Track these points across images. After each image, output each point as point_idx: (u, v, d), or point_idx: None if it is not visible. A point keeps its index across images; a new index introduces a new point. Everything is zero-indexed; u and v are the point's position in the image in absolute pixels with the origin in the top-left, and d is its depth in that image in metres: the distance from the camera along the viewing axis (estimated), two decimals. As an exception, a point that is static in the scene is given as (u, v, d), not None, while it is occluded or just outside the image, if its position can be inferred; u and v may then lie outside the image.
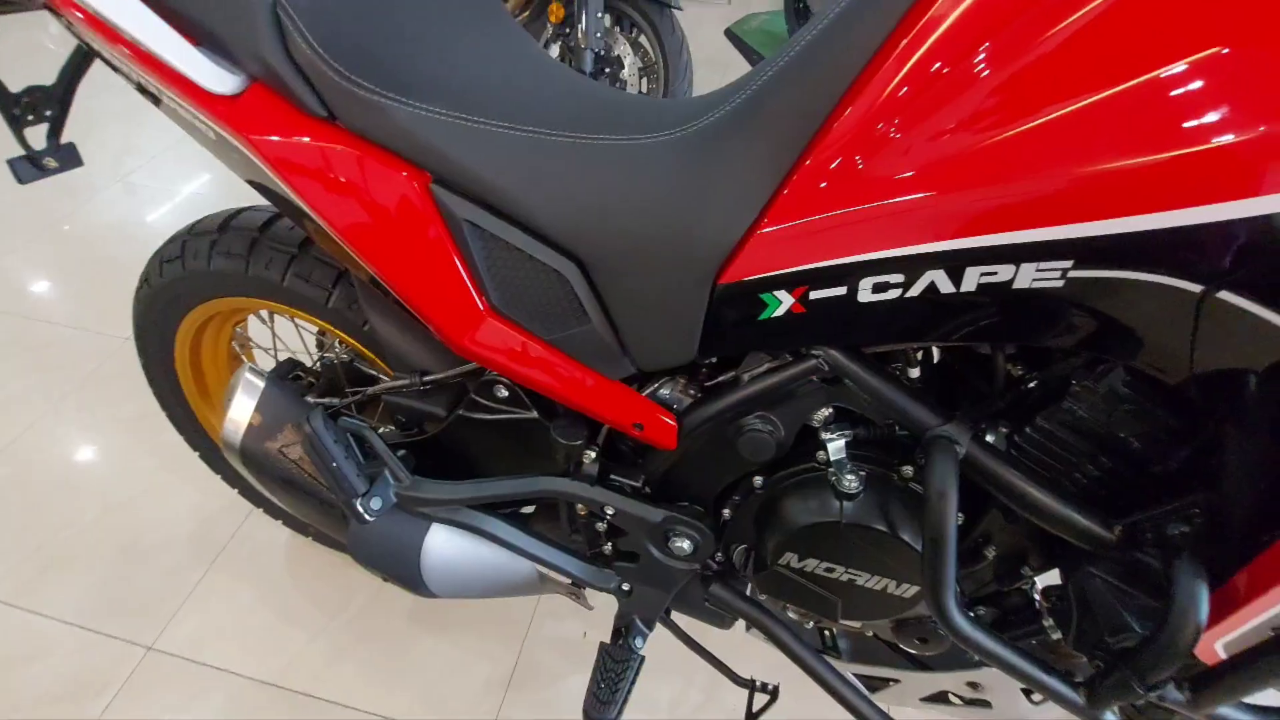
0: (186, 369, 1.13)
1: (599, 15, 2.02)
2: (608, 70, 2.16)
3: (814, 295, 0.57)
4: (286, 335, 1.16)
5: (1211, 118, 0.40)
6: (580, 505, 0.81)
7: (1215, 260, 0.43)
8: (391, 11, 0.68)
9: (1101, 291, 0.48)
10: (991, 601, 0.78)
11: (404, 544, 0.79)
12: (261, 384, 0.82)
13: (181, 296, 1.00)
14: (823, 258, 0.55)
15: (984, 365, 0.66)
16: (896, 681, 0.90)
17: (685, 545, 0.77)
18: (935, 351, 0.73)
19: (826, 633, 0.94)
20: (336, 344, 1.04)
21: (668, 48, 2.08)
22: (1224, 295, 0.44)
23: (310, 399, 0.93)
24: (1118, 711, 0.65)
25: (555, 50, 2.22)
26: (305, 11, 0.60)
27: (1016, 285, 0.50)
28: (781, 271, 0.57)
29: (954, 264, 0.51)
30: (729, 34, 2.33)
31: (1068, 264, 0.47)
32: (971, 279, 0.51)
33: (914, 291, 0.54)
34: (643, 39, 2.16)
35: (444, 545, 0.82)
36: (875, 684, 0.93)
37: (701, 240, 0.59)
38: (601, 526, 0.83)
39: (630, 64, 2.19)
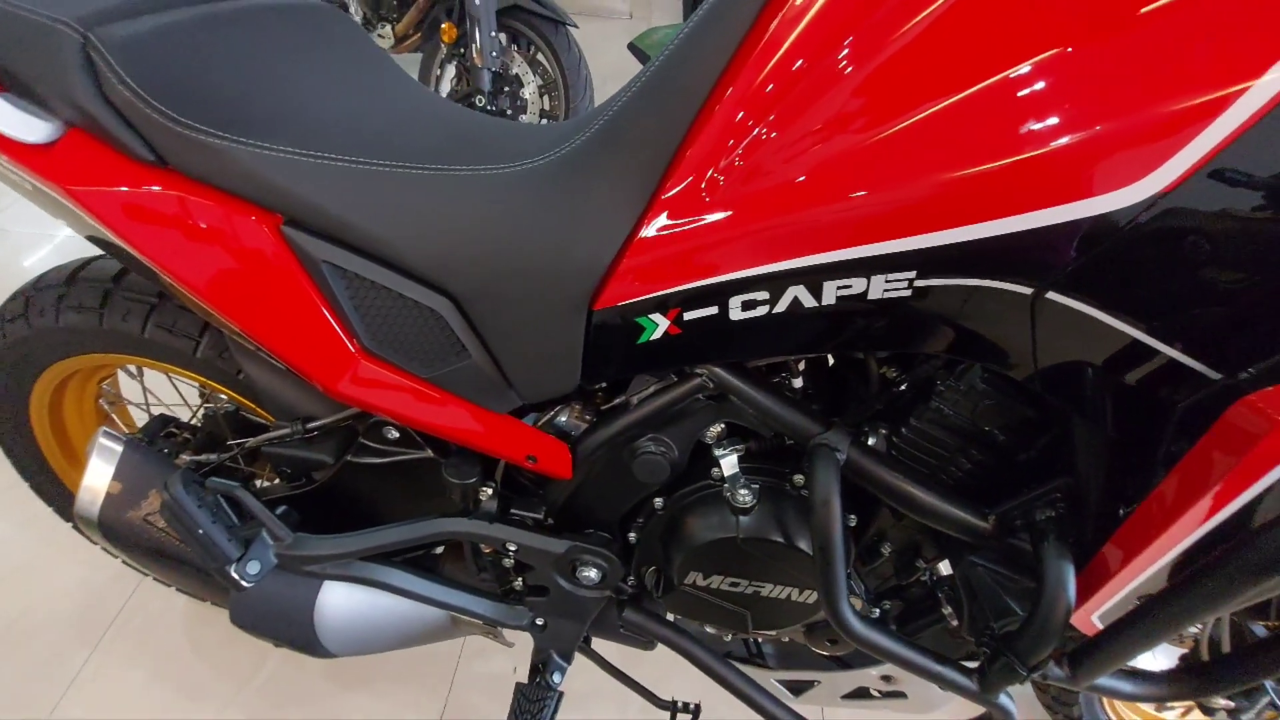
0: (48, 433, 1.03)
1: (493, 34, 2.00)
2: (507, 89, 2.14)
3: (688, 316, 0.57)
4: (163, 387, 1.08)
5: (1028, 130, 0.42)
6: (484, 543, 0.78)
7: (1041, 263, 0.45)
8: (226, 47, 0.64)
9: (946, 298, 0.49)
10: (896, 594, 0.80)
11: (294, 605, 0.74)
12: (119, 448, 0.76)
13: (31, 357, 0.91)
14: (691, 279, 0.55)
15: (863, 370, 0.68)
16: (819, 682, 0.91)
17: (593, 574, 0.76)
18: (820, 359, 0.75)
19: (751, 642, 0.95)
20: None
21: (566, 65, 2.08)
22: (1052, 295, 0.46)
23: (187, 457, 0.87)
24: (1048, 695, 0.68)
25: (451, 70, 2.19)
26: (120, 49, 0.56)
27: (871, 296, 0.51)
28: (653, 295, 0.57)
29: (812, 279, 0.52)
30: (632, 48, 2.35)
31: (912, 274, 0.49)
32: (830, 292, 0.52)
33: (780, 307, 0.54)
34: (540, 57, 2.15)
35: (341, 602, 0.77)
36: (800, 686, 0.94)
37: (572, 268, 0.58)
38: (509, 563, 0.80)
39: (530, 82, 2.18)
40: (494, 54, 1.99)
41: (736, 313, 0.56)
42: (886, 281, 0.50)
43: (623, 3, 4.00)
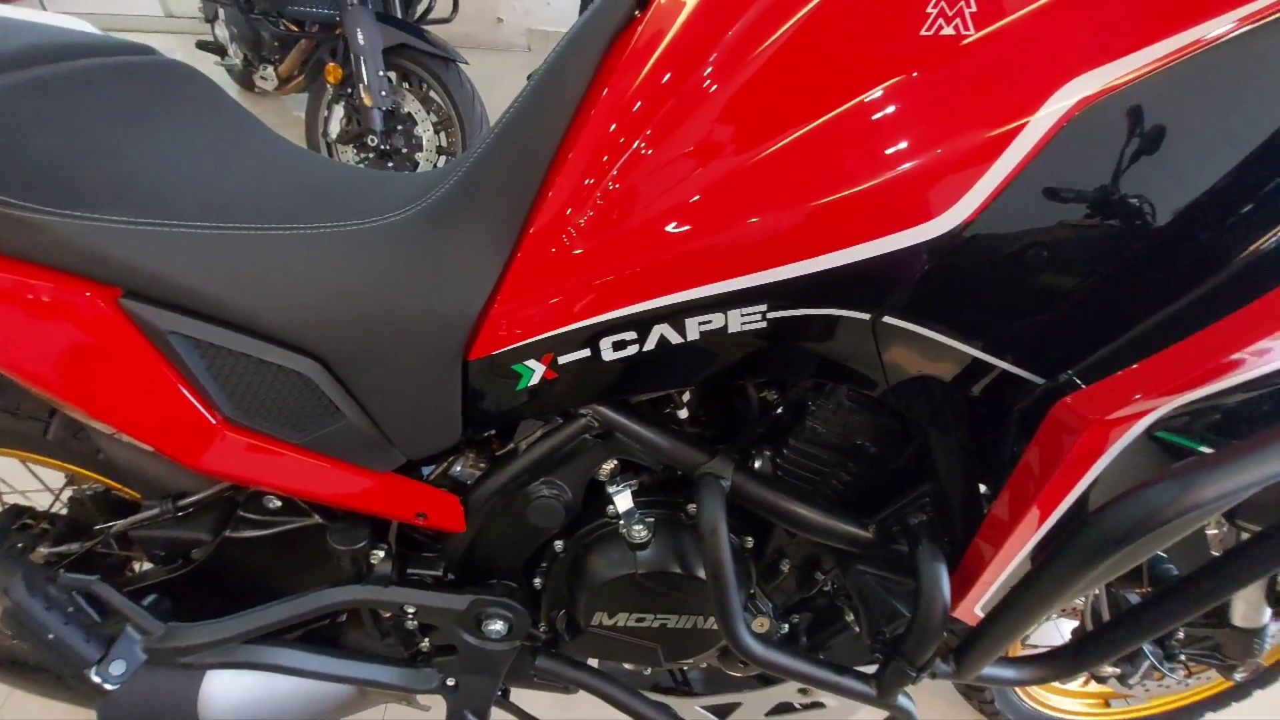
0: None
1: (381, 74, 1.96)
2: (400, 127, 2.11)
3: (562, 360, 0.58)
4: (19, 474, 0.98)
5: (844, 172, 0.45)
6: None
7: (872, 291, 0.48)
8: (54, 114, 0.60)
9: (799, 327, 0.52)
10: (804, 607, 0.82)
11: (174, 702, 0.69)
12: (-46, 552, 0.68)
13: None
14: (560, 324, 0.56)
15: (745, 395, 0.70)
16: (742, 704, 0.92)
17: (500, 626, 0.74)
18: (705, 387, 0.77)
19: (677, 670, 0.95)
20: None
21: (459, 101, 2.07)
22: (888, 319, 0.49)
23: (45, 549, 0.79)
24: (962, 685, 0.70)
25: (340, 111, 2.13)
26: (-87, 124, 0.51)
27: (731, 330, 0.53)
28: (525, 342, 0.57)
29: (675, 317, 0.53)
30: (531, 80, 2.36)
31: (763, 307, 0.51)
32: (693, 329, 0.54)
33: (649, 345, 0.55)
34: (434, 94, 2.13)
35: (228, 690, 0.72)
36: (725, 710, 0.94)
37: (442, 321, 0.58)
38: (413, 624, 0.77)
39: (424, 119, 2.15)
40: (383, 93, 1.96)
41: (609, 354, 0.56)
42: (742, 315, 0.52)
43: (521, 36, 4.04)
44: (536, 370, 0.59)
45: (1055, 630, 1.37)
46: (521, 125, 0.56)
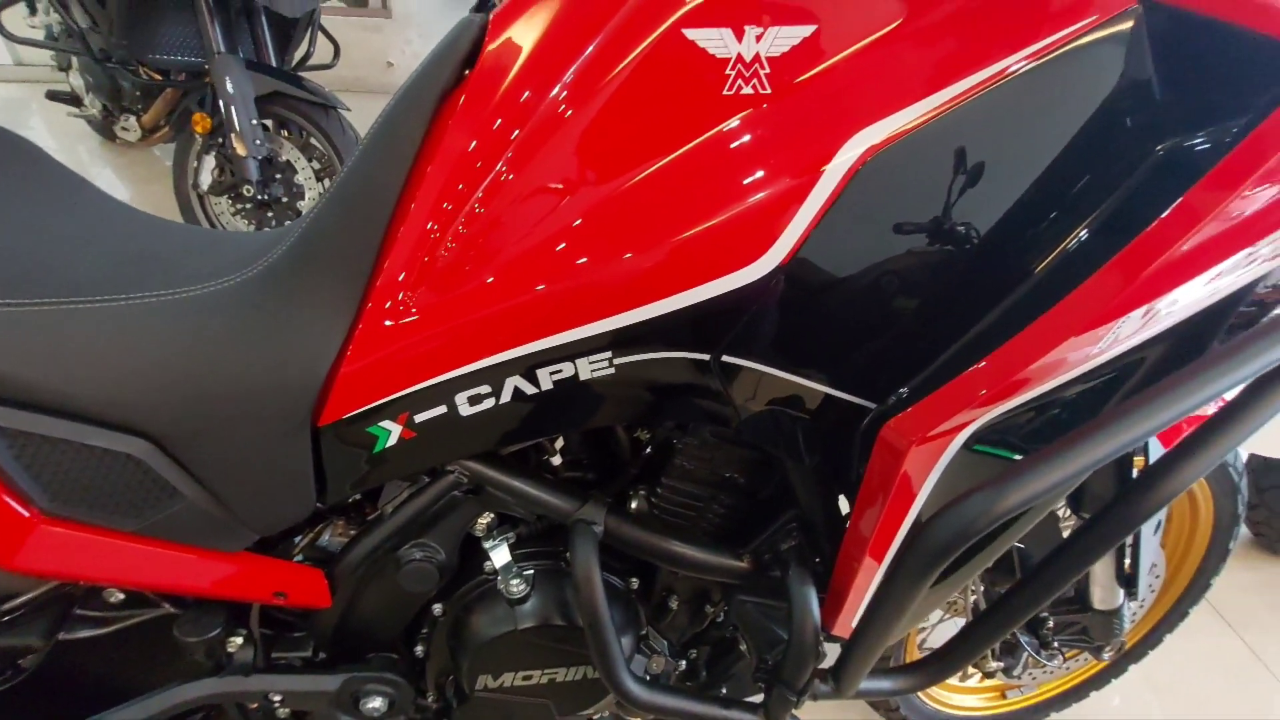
0: None
1: (254, 122, 1.88)
2: (279, 176, 2.02)
3: (418, 419, 0.56)
4: None
5: (665, 224, 0.47)
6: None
7: (707, 333, 0.50)
8: None
9: (647, 370, 0.53)
10: (700, 641, 0.83)
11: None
12: None
13: None
14: (411, 383, 0.54)
15: (617, 436, 0.70)
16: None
17: (379, 703, 0.70)
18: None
19: None
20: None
21: (340, 147, 2.01)
22: (726, 358, 0.51)
23: None
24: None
25: (211, 161, 2.02)
26: None
27: (583, 377, 0.53)
28: (377, 403, 0.55)
29: (525, 368, 0.53)
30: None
31: (609, 354, 0.52)
32: (546, 379, 0.54)
33: (505, 398, 0.55)
34: (315, 141, 2.06)
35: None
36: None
37: (286, 388, 0.55)
38: (284, 713, 0.72)
39: (304, 167, 2.08)
40: (258, 142, 1.88)
41: (465, 408, 0.56)
42: (590, 364, 0.52)
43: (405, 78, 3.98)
44: (393, 431, 0.57)
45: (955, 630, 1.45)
46: (358, 183, 0.55)
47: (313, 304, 0.55)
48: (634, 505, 0.67)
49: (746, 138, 0.45)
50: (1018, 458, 0.52)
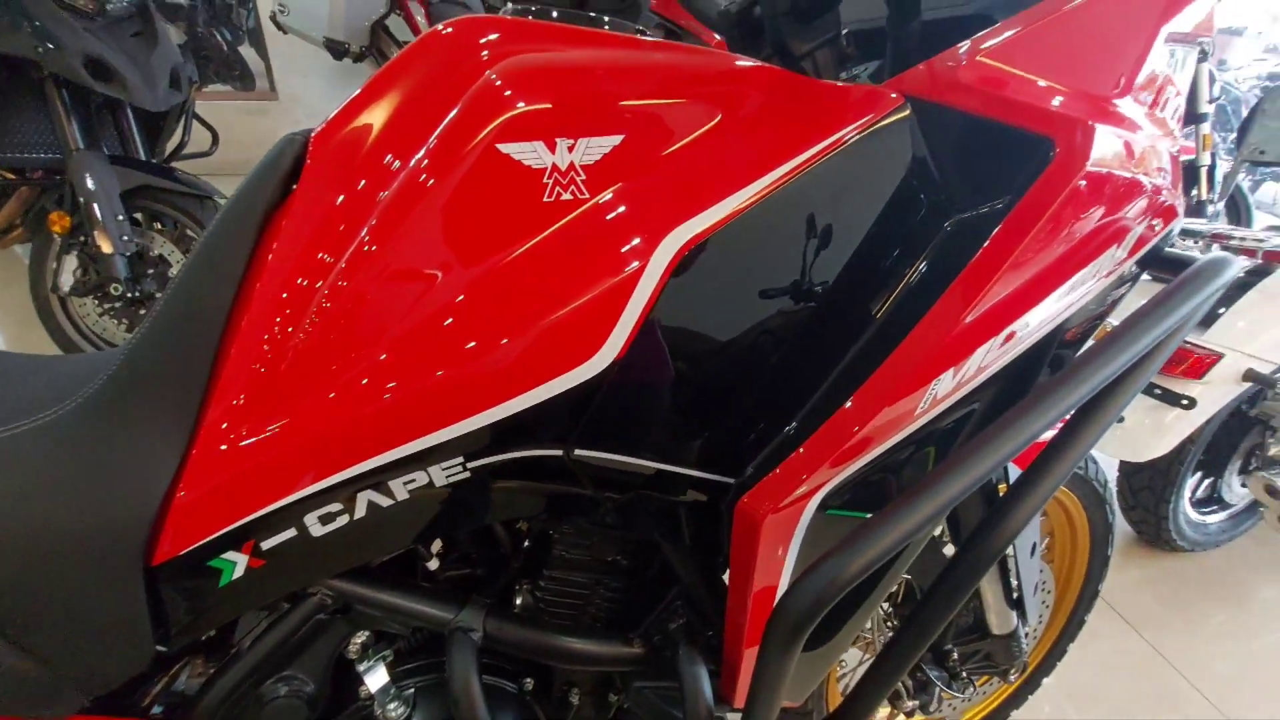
0: None
1: (120, 218, 1.79)
2: (151, 271, 1.92)
3: (266, 545, 0.53)
4: None
5: (499, 329, 0.47)
6: None
7: (556, 429, 0.50)
8: None
9: (506, 470, 0.52)
10: None
11: None
12: None
13: None
14: (253, 509, 0.51)
15: (493, 532, 0.68)
16: None
17: None
18: None
19: None
20: None
21: (221, 237, 1.93)
22: (580, 452, 0.51)
23: None
24: None
25: (72, 261, 1.90)
26: None
27: (438, 484, 0.52)
28: (217, 534, 0.51)
29: (377, 481, 0.51)
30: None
31: (460, 459, 0.51)
32: (400, 490, 0.52)
33: (360, 513, 0.53)
34: (190, 232, 1.98)
35: None
36: None
37: (111, 528, 0.50)
38: None
39: (179, 261, 1.98)
40: (124, 238, 1.78)
41: (318, 529, 0.53)
42: (444, 470, 0.51)
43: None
44: (239, 562, 0.53)
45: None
46: (183, 305, 0.52)
47: (139, 434, 0.51)
48: (519, 601, 0.65)
49: (570, 241, 0.46)
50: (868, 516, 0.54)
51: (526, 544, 0.66)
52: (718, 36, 0.72)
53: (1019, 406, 0.49)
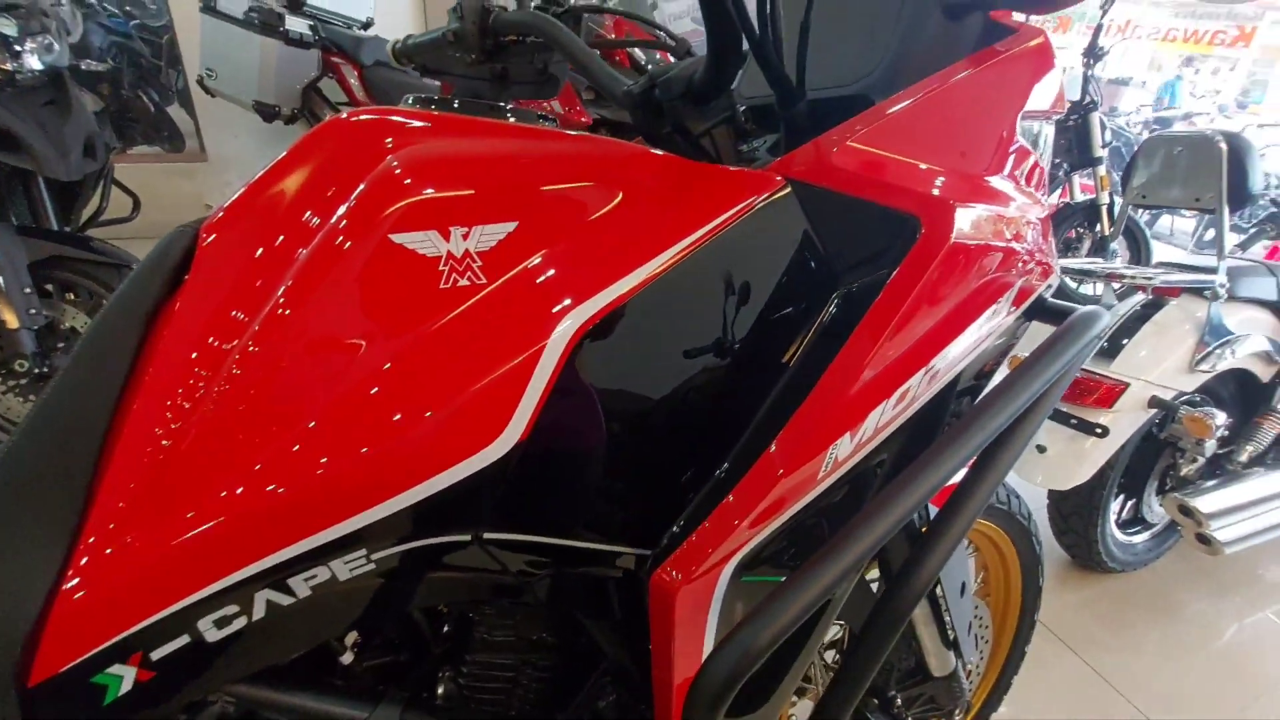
0: None
1: (27, 291, 1.70)
2: (62, 345, 1.82)
3: (157, 655, 0.49)
4: None
5: (399, 417, 0.46)
6: None
7: (463, 515, 0.49)
8: None
9: (413, 560, 0.51)
10: None
11: None
12: None
13: None
14: (141, 616, 0.48)
15: (413, 619, 0.66)
16: None
17: None
18: None
19: None
20: None
21: (140, 306, 1.86)
22: (490, 535, 0.50)
23: None
24: None
25: (-30, 341, 1.79)
26: None
27: (342, 578, 0.50)
28: (100, 648, 0.48)
29: (275, 580, 0.49)
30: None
31: (363, 551, 0.49)
32: (301, 587, 0.50)
33: (258, 614, 0.50)
34: (106, 302, 1.89)
35: None
36: None
37: None
38: None
39: (96, 331, 1.89)
40: (31, 311, 1.69)
41: (213, 634, 0.50)
42: (346, 564, 0.49)
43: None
44: (126, 675, 0.49)
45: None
46: (64, 405, 0.50)
47: (13, 544, 0.48)
48: (441, 690, 0.62)
49: (469, 326, 0.47)
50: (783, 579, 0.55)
51: (446, 629, 0.63)
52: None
53: (918, 461, 0.51)
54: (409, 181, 0.47)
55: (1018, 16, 0.61)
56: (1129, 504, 1.94)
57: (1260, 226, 3.18)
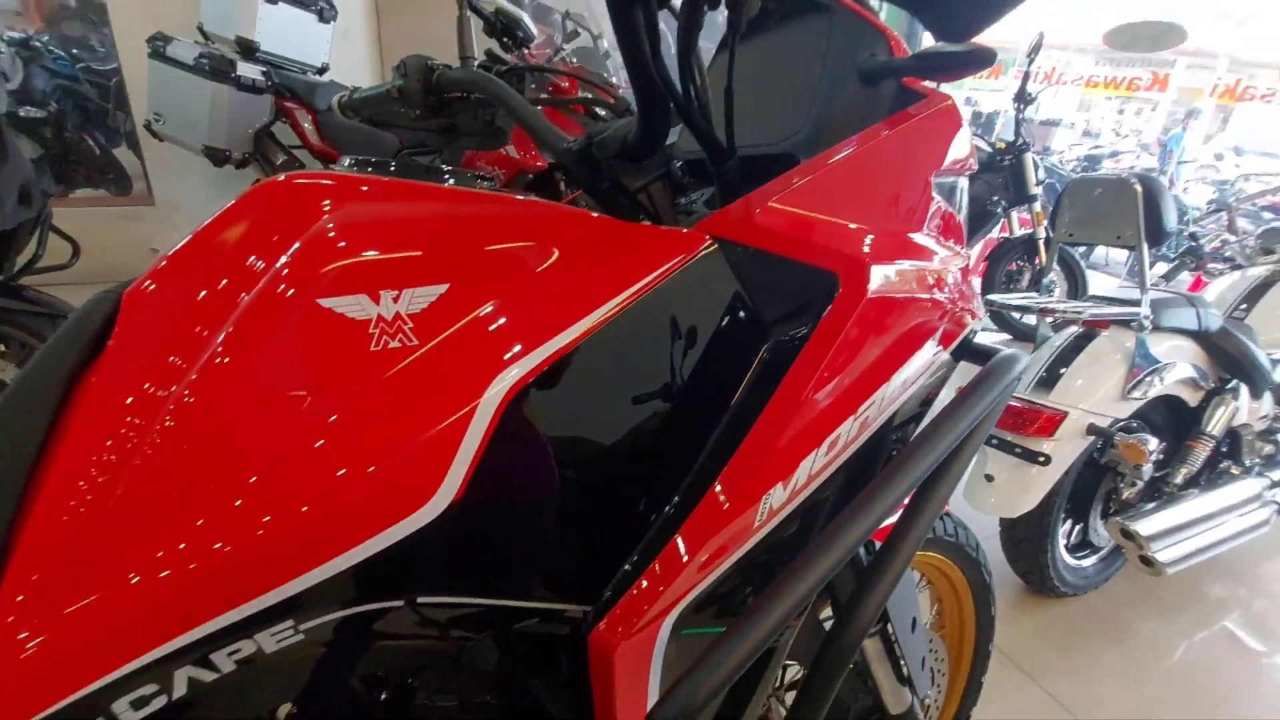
0: None
1: (-46, 344, 1.63)
2: (-10, 400, 1.74)
3: None
4: None
5: (325, 482, 0.46)
6: None
7: (396, 580, 0.48)
8: None
9: (345, 629, 0.49)
10: None
11: None
12: None
13: None
14: (52, 700, 0.45)
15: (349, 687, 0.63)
16: None
17: None
18: None
19: None
20: None
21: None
22: (424, 599, 0.49)
23: None
24: None
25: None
26: None
27: (270, 650, 0.48)
28: None
29: (196, 656, 0.47)
30: None
31: (290, 622, 0.47)
32: (225, 662, 0.48)
33: (180, 692, 0.48)
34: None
35: None
36: None
37: None
38: None
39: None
40: (-43, 367, 1.62)
41: (130, 715, 0.47)
42: (273, 635, 0.48)
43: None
44: (33, 766, 0.46)
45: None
46: None
47: None
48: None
49: (400, 387, 0.47)
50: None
51: (384, 696, 0.61)
52: None
53: (855, 501, 0.52)
54: (342, 245, 0.47)
55: (928, 83, 0.65)
56: (1076, 528, 1.99)
57: (1180, 259, 3.39)
